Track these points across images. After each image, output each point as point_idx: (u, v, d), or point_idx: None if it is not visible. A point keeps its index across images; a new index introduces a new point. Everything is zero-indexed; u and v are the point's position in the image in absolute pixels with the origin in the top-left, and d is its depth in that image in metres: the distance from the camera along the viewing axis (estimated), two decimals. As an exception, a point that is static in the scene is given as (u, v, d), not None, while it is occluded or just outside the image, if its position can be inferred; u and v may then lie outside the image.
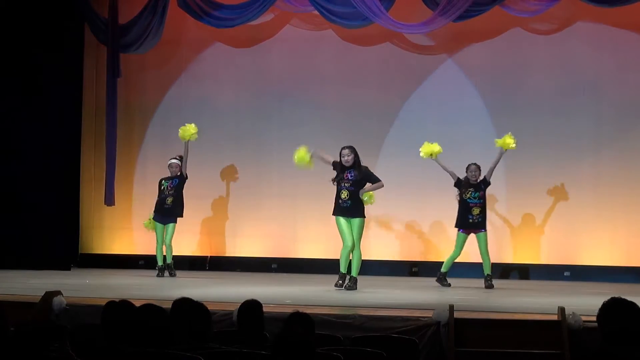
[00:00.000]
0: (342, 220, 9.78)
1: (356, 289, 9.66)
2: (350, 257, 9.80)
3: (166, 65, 13.23)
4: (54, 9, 12.61)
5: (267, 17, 12.54)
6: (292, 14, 12.61)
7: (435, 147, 10.66)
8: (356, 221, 9.75)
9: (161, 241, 11.68)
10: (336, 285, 9.67)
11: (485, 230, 10.53)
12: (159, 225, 11.71)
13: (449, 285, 10.48)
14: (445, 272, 10.64)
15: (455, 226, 10.61)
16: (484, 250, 10.51)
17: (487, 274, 10.48)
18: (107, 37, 12.55)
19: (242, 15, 12.16)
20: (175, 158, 11.82)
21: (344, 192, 9.75)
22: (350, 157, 9.76)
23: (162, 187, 11.78)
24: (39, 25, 12.62)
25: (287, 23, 12.83)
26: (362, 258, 9.87)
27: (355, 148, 9.84)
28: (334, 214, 9.83)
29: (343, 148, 9.86)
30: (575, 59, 12.05)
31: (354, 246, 9.73)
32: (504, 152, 10.51)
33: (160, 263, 11.68)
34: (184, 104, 13.20)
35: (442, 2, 11.24)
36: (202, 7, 12.24)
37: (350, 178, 9.77)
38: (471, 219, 10.54)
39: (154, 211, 11.76)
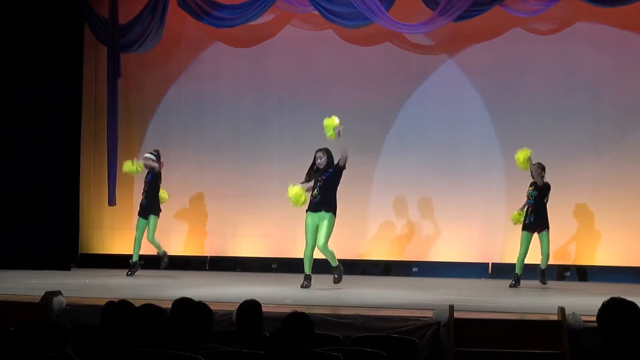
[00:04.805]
0: (310, 218, 9.79)
1: (341, 277, 9.73)
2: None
3: (166, 65, 13.23)
4: (54, 8, 12.61)
5: (267, 17, 12.54)
6: (292, 14, 12.61)
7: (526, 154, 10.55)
8: (326, 217, 9.72)
9: (139, 236, 11.66)
10: (302, 286, 9.73)
11: (544, 231, 10.47)
12: (141, 220, 11.70)
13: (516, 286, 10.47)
14: (518, 274, 10.54)
15: None
16: (543, 249, 10.51)
17: (541, 269, 10.53)
18: (107, 37, 12.56)
19: (242, 15, 12.16)
20: (150, 152, 11.74)
21: (315, 190, 9.79)
22: (323, 160, 9.79)
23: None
24: (39, 25, 12.62)
25: (287, 23, 12.83)
26: (363, 258, 9.85)
27: (330, 150, 9.85)
28: (306, 211, 9.86)
29: (317, 151, 9.89)
30: (575, 59, 12.04)
31: (321, 246, 9.72)
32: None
33: (134, 259, 11.64)
34: (184, 104, 13.21)
35: (442, 2, 11.24)
36: (202, 7, 12.24)
37: (324, 178, 9.78)
38: (526, 220, 10.57)
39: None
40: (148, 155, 11.71)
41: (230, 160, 12.97)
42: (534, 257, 11.14)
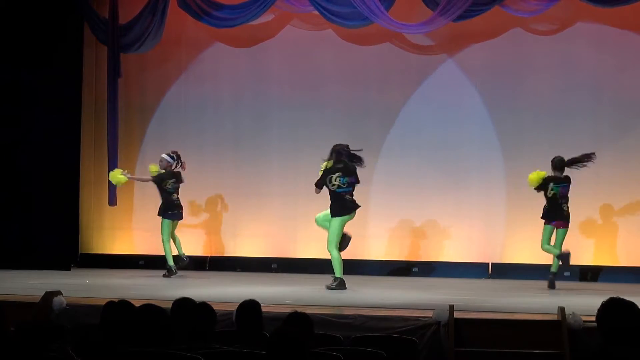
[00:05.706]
0: (344, 220, 9.80)
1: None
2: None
3: (166, 65, 13.23)
4: (54, 8, 12.61)
5: (267, 17, 12.54)
6: (292, 14, 12.60)
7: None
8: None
9: (168, 239, 11.60)
10: (329, 287, 9.78)
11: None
12: (171, 223, 11.63)
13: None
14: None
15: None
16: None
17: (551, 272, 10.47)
18: (107, 37, 12.56)
19: (242, 15, 12.16)
20: (168, 154, 11.71)
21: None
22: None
23: (168, 185, 11.59)
24: (39, 25, 12.62)
25: (287, 23, 12.82)
26: (362, 258, 9.80)
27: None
28: (347, 214, 9.83)
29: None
30: (575, 59, 12.03)
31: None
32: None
33: (171, 263, 11.56)
34: (184, 104, 13.20)
35: (442, 2, 11.24)
36: (202, 7, 12.24)
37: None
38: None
39: (168, 210, 11.56)
40: (165, 156, 11.66)
41: (230, 160, 12.97)
42: (536, 257, 11.17)
